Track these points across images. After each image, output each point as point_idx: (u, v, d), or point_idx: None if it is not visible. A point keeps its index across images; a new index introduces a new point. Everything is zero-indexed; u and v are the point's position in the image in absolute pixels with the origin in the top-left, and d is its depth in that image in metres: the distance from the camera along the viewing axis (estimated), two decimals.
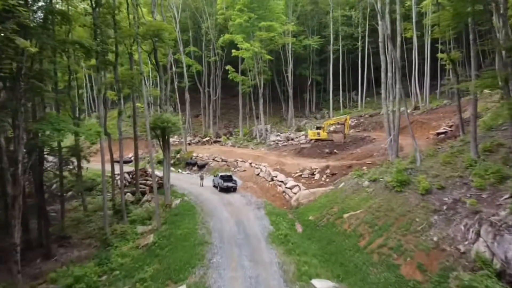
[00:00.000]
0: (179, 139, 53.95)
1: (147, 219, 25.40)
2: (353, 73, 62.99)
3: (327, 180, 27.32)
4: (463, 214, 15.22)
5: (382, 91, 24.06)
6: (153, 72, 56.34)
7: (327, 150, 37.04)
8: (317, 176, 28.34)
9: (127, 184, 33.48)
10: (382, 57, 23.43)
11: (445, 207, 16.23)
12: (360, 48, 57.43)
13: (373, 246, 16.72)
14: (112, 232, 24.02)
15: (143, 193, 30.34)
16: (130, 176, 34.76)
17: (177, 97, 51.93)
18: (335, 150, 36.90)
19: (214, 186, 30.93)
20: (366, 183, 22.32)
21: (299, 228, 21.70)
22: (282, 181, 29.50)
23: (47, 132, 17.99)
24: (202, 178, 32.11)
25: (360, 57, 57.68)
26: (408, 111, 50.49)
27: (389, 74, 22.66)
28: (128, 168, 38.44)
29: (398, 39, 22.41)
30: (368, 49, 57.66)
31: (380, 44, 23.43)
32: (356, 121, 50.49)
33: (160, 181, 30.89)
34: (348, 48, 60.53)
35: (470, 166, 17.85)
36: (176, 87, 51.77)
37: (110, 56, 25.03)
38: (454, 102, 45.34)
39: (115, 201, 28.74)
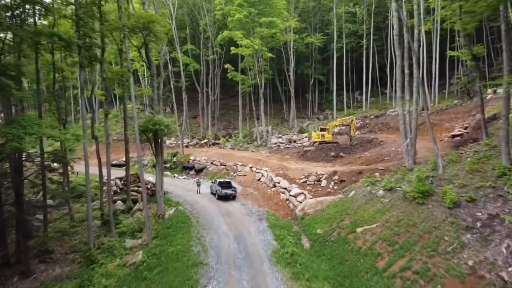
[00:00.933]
0: (176, 141, 51.66)
1: (137, 231, 23.06)
2: (357, 72, 60.82)
3: (335, 187, 25.01)
4: (503, 234, 12.94)
5: (397, 90, 21.76)
6: (148, 71, 54.18)
7: (332, 154, 34.75)
8: (323, 182, 26.03)
9: (118, 190, 31.20)
10: (397, 52, 21.12)
11: (479, 224, 13.94)
12: (364, 46, 55.09)
13: (394, 269, 14.40)
14: (99, 246, 21.74)
15: (135, 201, 28.01)
16: (122, 182, 32.40)
17: (173, 97, 49.63)
18: (341, 154, 34.62)
19: (212, 193, 28.63)
20: (381, 192, 20.02)
21: (306, 243, 19.40)
22: (285, 188, 27.19)
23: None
24: (199, 185, 29.76)
25: (365, 56, 55.36)
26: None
27: (406, 70, 20.37)
28: (122, 172, 36.01)
29: (416, 31, 20.14)
30: (373, 47, 55.38)
31: (395, 38, 21.13)
32: (361, 122, 48.19)
33: (152, 188, 28.61)
34: (352, 46, 58.27)
35: (503, 175, 15.58)
36: (172, 86, 49.50)
37: (97, 52, 22.71)
38: (465, 102, 43.37)
39: (104, 211, 26.42)
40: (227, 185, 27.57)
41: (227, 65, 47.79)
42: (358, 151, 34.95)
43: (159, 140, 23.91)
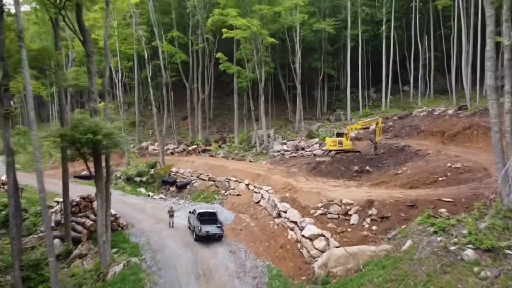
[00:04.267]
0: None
1: None
2: (372, 67, 52.18)
3: (374, 227, 16.33)
4: None
5: (488, 76, 13.16)
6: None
7: (356, 168, 26.12)
8: (354, 218, 17.33)
9: (63, 221, 22.58)
10: (488, 12, 12.54)
11: None
12: (384, 34, 46.38)
13: None
14: None
15: (77, 241, 19.39)
16: (75, 205, 23.28)
17: (151, 94, 40.96)
18: (367, 168, 26.01)
19: (190, 228, 20.01)
20: (471, 253, 11.37)
21: None
22: (295, 222, 18.59)
23: None
24: (172, 215, 20.94)
25: (385, 46, 46.64)
26: (451, 111, 39.94)
27: (506, 42, 11.83)
28: (89, 188, 26.67)
29: None
30: (393, 36, 46.66)
31: None
32: (383, 125, 39.39)
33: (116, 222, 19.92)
34: (367, 37, 49.59)
35: None
36: (150, 81, 40.91)
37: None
38: None
39: (29, 254, 17.84)
40: (210, 218, 19.01)
41: (218, 54, 39.10)
42: (389, 163, 26.37)
43: (101, 155, 15.33)
